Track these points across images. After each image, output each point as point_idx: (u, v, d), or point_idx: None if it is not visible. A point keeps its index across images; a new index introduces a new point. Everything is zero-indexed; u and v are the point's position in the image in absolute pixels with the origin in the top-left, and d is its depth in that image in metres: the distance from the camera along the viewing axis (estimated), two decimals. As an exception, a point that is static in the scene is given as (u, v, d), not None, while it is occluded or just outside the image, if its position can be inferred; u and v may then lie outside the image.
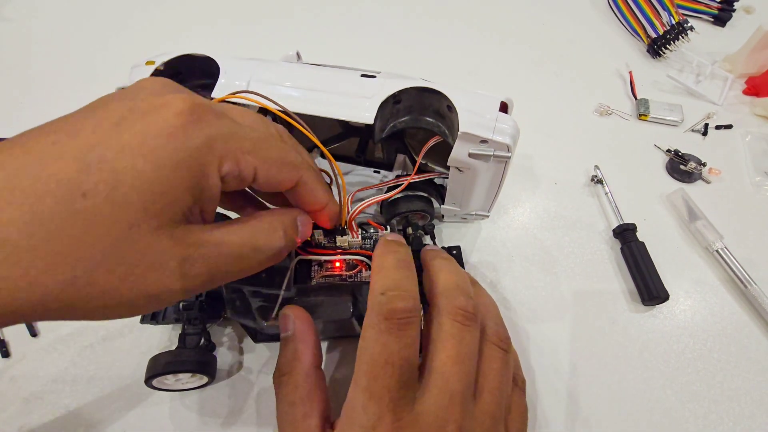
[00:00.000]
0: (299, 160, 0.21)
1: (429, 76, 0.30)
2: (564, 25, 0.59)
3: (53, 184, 0.14)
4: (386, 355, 0.19)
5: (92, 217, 0.14)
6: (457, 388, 0.20)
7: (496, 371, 0.22)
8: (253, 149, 0.18)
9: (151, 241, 0.15)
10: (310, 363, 0.22)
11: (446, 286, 0.22)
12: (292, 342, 0.23)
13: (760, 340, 0.35)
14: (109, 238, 0.14)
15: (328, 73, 0.30)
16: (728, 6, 0.57)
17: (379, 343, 0.20)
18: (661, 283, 0.35)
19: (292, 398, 0.22)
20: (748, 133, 0.47)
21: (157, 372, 0.28)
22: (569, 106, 0.50)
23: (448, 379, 0.20)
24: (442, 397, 0.19)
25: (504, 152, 0.27)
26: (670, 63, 0.54)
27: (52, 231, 0.14)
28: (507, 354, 0.23)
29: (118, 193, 0.14)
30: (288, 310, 0.24)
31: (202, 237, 0.17)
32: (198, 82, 0.33)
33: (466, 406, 0.20)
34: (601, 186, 0.42)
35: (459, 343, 0.21)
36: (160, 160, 0.15)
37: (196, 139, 0.16)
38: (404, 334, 0.20)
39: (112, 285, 0.15)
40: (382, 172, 0.38)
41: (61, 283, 0.14)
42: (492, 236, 0.40)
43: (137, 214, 0.15)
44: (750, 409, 0.32)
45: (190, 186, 0.16)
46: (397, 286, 0.21)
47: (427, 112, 0.29)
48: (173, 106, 0.16)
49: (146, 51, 0.32)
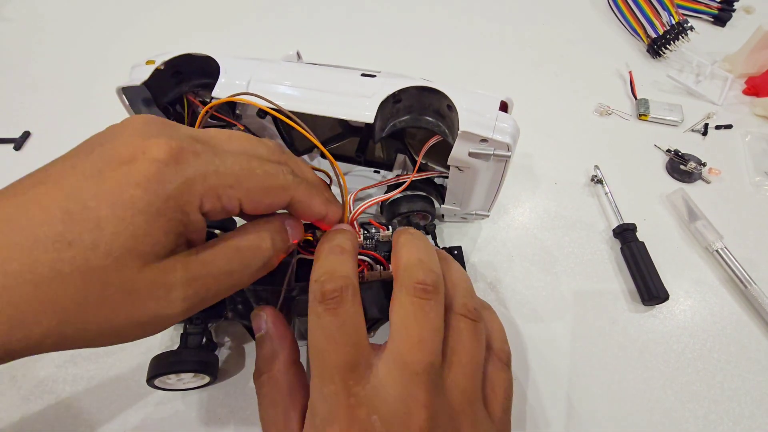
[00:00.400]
0: (289, 181, 0.21)
1: (429, 75, 0.30)
2: (564, 25, 0.59)
3: (41, 235, 0.15)
4: (326, 337, 0.19)
5: (79, 263, 0.15)
6: (419, 366, 0.19)
7: (464, 344, 0.21)
8: (236, 183, 0.18)
9: (139, 277, 0.16)
10: (288, 359, 0.22)
11: (407, 262, 0.22)
12: (268, 340, 0.23)
13: (760, 340, 0.35)
14: (97, 281, 0.15)
15: (328, 72, 0.30)
16: (728, 6, 0.57)
17: (318, 327, 0.19)
18: (661, 283, 0.35)
19: (273, 397, 0.21)
20: (748, 133, 0.47)
21: (159, 371, 0.28)
22: (569, 106, 0.50)
23: (406, 356, 0.19)
24: (401, 375, 0.19)
25: (504, 151, 0.27)
26: (670, 63, 0.54)
27: (44, 277, 0.15)
28: (476, 324, 0.22)
29: (102, 240, 0.15)
30: (259, 309, 0.24)
31: (189, 261, 0.18)
32: (198, 82, 0.33)
33: (431, 383, 0.19)
34: (601, 186, 0.42)
35: (418, 319, 0.20)
36: (138, 208, 0.16)
37: (172, 183, 0.16)
38: (339, 312, 0.19)
39: (106, 318, 0.16)
40: (382, 172, 0.38)
41: (56, 322, 0.15)
42: (492, 236, 0.40)
43: (122, 257, 0.16)
44: (750, 409, 0.32)
45: (171, 228, 0.17)
46: (326, 271, 0.21)
47: (427, 112, 0.29)
48: (151, 153, 0.16)
49: (147, 51, 0.32)
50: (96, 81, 0.52)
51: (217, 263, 0.18)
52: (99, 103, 0.49)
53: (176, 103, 0.34)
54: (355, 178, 0.39)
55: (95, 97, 0.50)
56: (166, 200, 0.16)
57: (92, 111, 0.49)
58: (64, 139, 0.46)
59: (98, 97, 0.50)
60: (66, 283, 0.15)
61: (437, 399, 0.19)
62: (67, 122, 0.48)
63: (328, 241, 0.23)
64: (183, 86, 0.33)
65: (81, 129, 0.49)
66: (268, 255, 0.20)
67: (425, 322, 0.20)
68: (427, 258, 0.22)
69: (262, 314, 0.24)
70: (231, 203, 0.18)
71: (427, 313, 0.20)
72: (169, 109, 0.33)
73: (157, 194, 0.16)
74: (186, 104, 0.34)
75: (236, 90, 0.29)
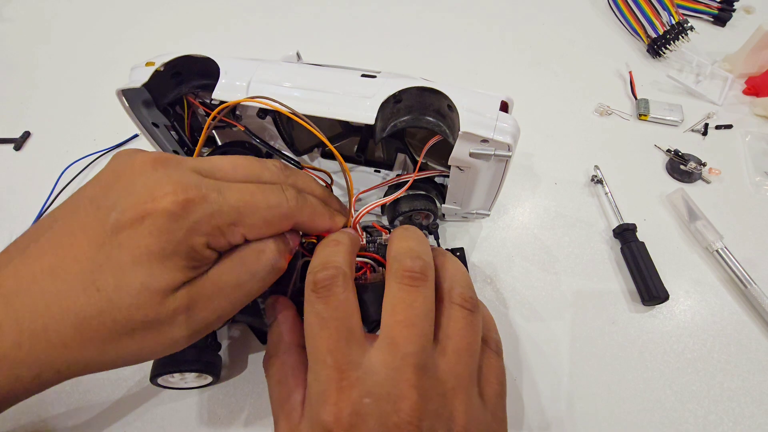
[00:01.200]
0: (292, 207, 0.22)
1: (429, 75, 0.30)
2: (564, 25, 0.59)
3: (77, 283, 0.18)
4: (319, 322, 0.20)
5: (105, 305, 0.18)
6: (409, 350, 0.19)
7: (459, 331, 0.21)
8: (238, 219, 0.20)
9: (160, 310, 0.18)
10: (293, 342, 0.23)
11: (397, 251, 0.22)
12: (276, 326, 0.24)
13: (760, 340, 0.35)
14: (122, 318, 0.18)
15: (329, 73, 0.30)
16: (728, 6, 0.57)
17: (311, 313, 0.20)
18: (661, 283, 0.35)
19: (279, 377, 0.22)
20: (748, 133, 0.47)
21: (163, 370, 0.28)
22: (569, 106, 0.50)
23: (397, 341, 0.20)
24: (392, 359, 0.19)
25: (505, 151, 0.27)
26: (670, 63, 0.54)
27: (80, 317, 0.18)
28: (473, 314, 0.22)
29: (124, 283, 0.18)
30: (272, 299, 0.25)
31: (201, 284, 0.20)
32: (198, 83, 0.33)
33: (422, 368, 0.19)
34: (601, 186, 0.42)
35: (408, 305, 0.20)
36: (153, 253, 0.18)
37: (181, 230, 0.18)
38: (330, 298, 0.20)
39: (130, 349, 0.19)
40: (382, 172, 0.38)
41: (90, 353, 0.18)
42: (492, 236, 0.40)
43: (141, 295, 0.18)
44: (750, 409, 0.32)
45: (183, 264, 0.19)
46: (320, 262, 0.22)
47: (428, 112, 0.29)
48: (160, 205, 0.18)
49: (147, 51, 0.32)
50: (96, 81, 0.52)
51: (224, 278, 0.20)
52: (99, 103, 0.49)
53: (176, 104, 0.34)
54: (356, 177, 0.39)
55: (95, 97, 0.50)
56: (177, 244, 0.18)
57: (92, 111, 0.49)
58: (64, 139, 0.47)
59: (98, 97, 0.50)
60: (98, 321, 0.17)
61: (428, 381, 0.19)
62: (67, 122, 0.48)
63: (325, 239, 0.24)
64: (183, 87, 0.33)
65: (81, 129, 0.49)
66: (273, 259, 0.22)
67: (413, 306, 0.21)
68: (417, 246, 0.23)
69: (272, 303, 0.25)
70: (235, 237, 0.20)
71: (415, 298, 0.21)
72: (169, 110, 0.33)
73: (168, 240, 0.18)
74: (186, 105, 0.34)
75: (236, 91, 0.29)
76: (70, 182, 0.43)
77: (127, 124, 0.33)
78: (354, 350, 0.19)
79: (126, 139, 0.45)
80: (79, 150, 0.44)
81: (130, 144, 0.45)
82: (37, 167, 0.44)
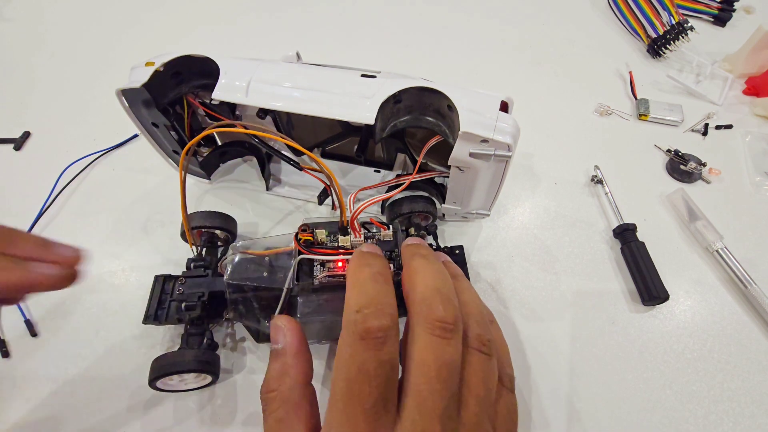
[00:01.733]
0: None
1: (429, 75, 0.30)
2: (564, 25, 0.59)
3: None
4: (363, 375, 0.19)
5: None
6: (438, 407, 0.19)
7: (479, 379, 0.21)
8: None
9: None
10: (301, 378, 0.22)
11: (424, 293, 0.21)
12: (282, 356, 0.22)
13: (760, 340, 0.35)
14: None
15: (329, 73, 0.30)
16: (728, 6, 0.57)
17: (355, 363, 0.19)
18: (661, 283, 0.35)
19: (280, 414, 0.21)
20: (748, 133, 0.47)
21: (162, 373, 0.28)
22: (569, 106, 0.50)
23: (426, 398, 0.19)
24: (422, 418, 0.18)
25: (505, 151, 0.27)
26: (670, 63, 0.54)
27: None
28: (490, 358, 0.22)
29: None
30: (280, 320, 0.23)
31: None
32: (198, 83, 0.33)
33: (447, 422, 0.19)
34: (601, 186, 0.42)
35: (437, 358, 0.19)
36: None
37: None
38: (381, 353, 0.19)
39: None
40: (382, 172, 0.38)
41: None
42: (492, 235, 0.40)
43: None
44: (750, 409, 0.32)
45: None
46: (371, 303, 0.20)
47: (428, 112, 0.29)
48: None
49: (147, 51, 0.32)
50: (96, 81, 0.52)
51: None
52: (99, 103, 0.49)
53: (176, 104, 0.34)
54: (356, 177, 0.39)
55: (95, 97, 0.50)
56: None
57: (92, 111, 0.49)
58: (64, 139, 0.47)
59: (98, 98, 0.50)
60: None
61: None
62: (66, 122, 0.48)
63: (367, 266, 0.22)
64: (183, 87, 0.33)
65: (81, 129, 0.49)
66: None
67: (444, 362, 0.19)
68: (444, 287, 0.21)
69: (281, 326, 0.23)
70: None
71: (445, 350, 0.20)
72: (169, 110, 0.34)
73: None
74: (186, 105, 0.34)
75: (236, 90, 0.29)
76: (69, 182, 0.43)
77: (127, 124, 0.33)
78: (388, 411, 0.19)
79: (126, 139, 0.45)
80: (78, 150, 0.44)
81: (130, 144, 0.45)
82: (37, 167, 0.44)
